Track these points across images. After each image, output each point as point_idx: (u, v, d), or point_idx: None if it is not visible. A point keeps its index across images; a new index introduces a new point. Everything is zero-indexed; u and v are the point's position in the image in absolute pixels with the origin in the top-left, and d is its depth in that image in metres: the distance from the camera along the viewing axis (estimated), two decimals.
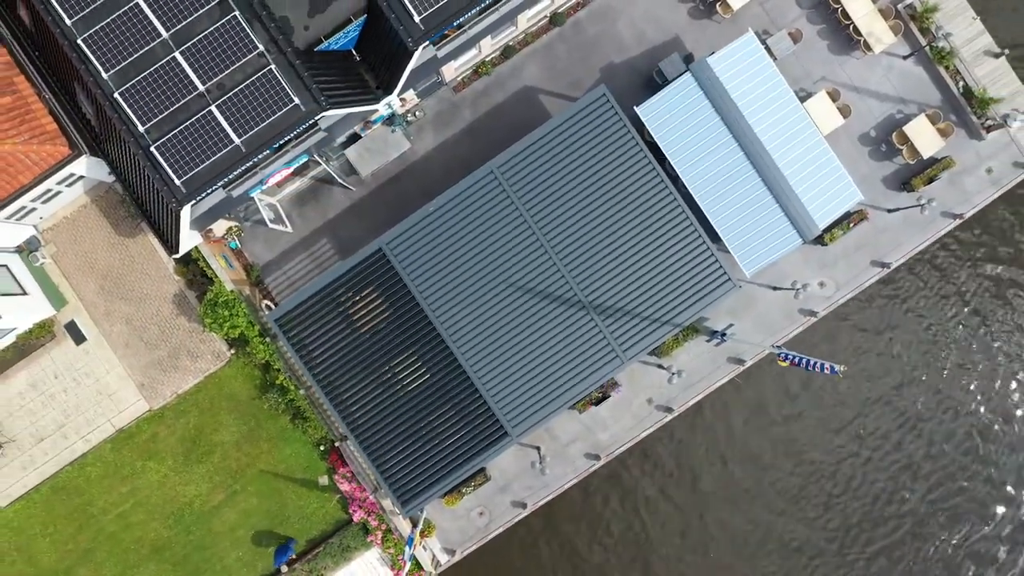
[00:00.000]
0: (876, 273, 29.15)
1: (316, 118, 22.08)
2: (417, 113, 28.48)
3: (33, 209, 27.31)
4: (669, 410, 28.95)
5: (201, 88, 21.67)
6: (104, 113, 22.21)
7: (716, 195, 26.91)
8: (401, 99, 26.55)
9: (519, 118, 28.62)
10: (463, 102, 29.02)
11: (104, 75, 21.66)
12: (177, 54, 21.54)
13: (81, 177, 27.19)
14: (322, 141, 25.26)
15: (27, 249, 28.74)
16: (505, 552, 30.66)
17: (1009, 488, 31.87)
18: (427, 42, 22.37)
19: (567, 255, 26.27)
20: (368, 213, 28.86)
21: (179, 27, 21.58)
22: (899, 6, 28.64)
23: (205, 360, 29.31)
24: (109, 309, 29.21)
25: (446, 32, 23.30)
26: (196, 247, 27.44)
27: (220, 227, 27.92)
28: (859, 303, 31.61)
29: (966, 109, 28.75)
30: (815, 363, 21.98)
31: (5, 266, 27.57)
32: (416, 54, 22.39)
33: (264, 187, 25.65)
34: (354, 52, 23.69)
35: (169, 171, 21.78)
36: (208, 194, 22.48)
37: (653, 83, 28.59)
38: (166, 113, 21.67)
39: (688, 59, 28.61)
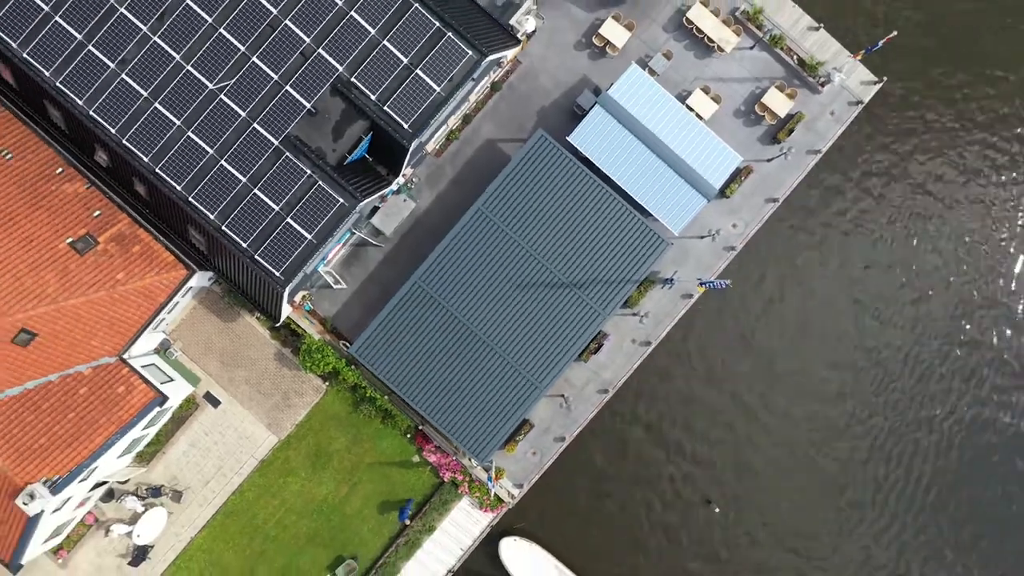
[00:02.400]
0: (771, 207, 39.50)
1: (355, 208, 32.46)
2: (415, 180, 38.90)
3: (164, 319, 37.71)
4: (648, 344, 39.31)
5: (276, 208, 32.13)
6: (215, 240, 32.68)
7: (639, 183, 37.15)
8: (403, 175, 36.95)
9: (488, 164, 38.90)
10: (444, 163, 39.40)
11: (211, 216, 32.14)
12: (256, 190, 32.01)
13: (191, 287, 37.62)
14: (357, 219, 35.70)
15: (162, 349, 39.17)
16: (560, 477, 40.74)
17: None
18: (415, 137, 32.75)
19: (546, 253, 36.60)
20: (397, 260, 39.09)
21: (252, 172, 32.03)
22: (735, 14, 39.04)
23: (309, 395, 39.73)
24: (231, 376, 39.65)
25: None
26: (287, 316, 37.87)
27: (297, 297, 38.31)
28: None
29: (803, 74, 39.10)
30: (715, 283, 32.39)
31: (154, 364, 37.98)
32: (410, 147, 32.81)
33: (325, 262, 36.10)
34: (367, 156, 34.18)
35: (270, 267, 32.25)
36: (297, 276, 32.90)
37: (575, 114, 38.95)
38: (259, 230, 32.13)
39: (596, 91, 38.97)
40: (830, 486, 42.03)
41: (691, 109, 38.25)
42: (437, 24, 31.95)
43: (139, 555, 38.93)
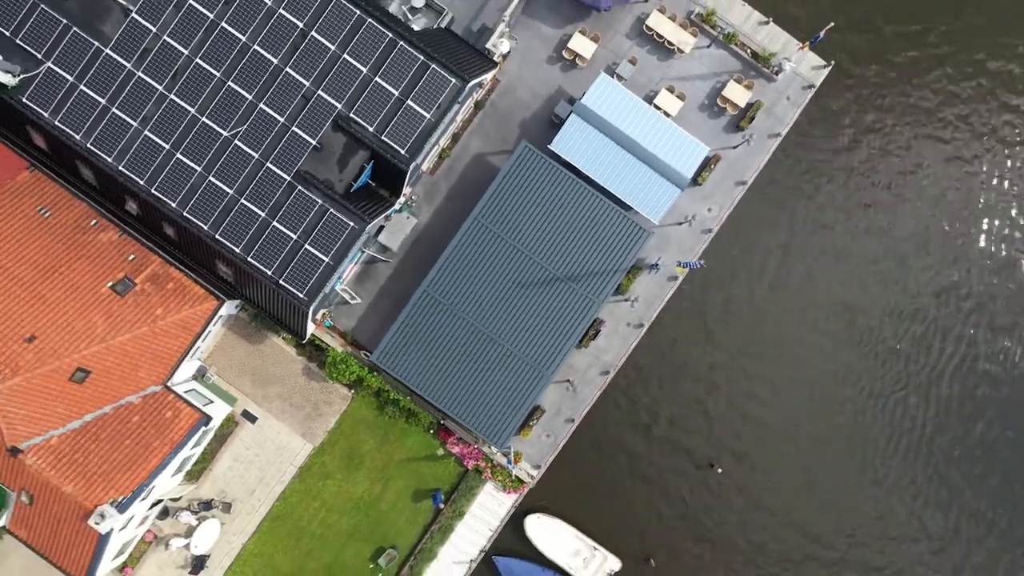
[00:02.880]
0: (741, 190, 43.11)
1: (364, 230, 36.09)
2: (414, 198, 42.52)
3: (198, 347, 41.32)
4: (641, 325, 42.91)
5: (295, 237, 35.77)
6: (243, 271, 36.31)
7: (618, 180, 40.70)
8: (404, 195, 40.54)
9: (479, 177, 42.43)
10: (439, 179, 42.99)
11: (237, 250, 35.77)
12: (275, 223, 35.65)
13: (221, 316, 41.22)
14: (366, 239, 39.30)
15: (200, 374, 42.78)
16: (574, 454, 44.28)
17: None
18: (412, 161, 36.37)
19: (540, 252, 40.18)
20: (405, 273, 42.63)
21: (270, 206, 35.66)
22: (691, 17, 42.66)
23: (336, 403, 43.34)
24: (264, 393, 43.27)
25: None
26: (311, 333, 41.49)
27: (318, 315, 41.89)
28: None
29: (758, 66, 42.69)
30: (692, 263, 35.98)
31: (194, 389, 41.58)
32: (408, 170, 36.43)
33: (342, 280, 39.70)
34: (371, 182, 37.83)
35: (294, 290, 35.88)
36: (319, 295, 36.52)
37: (554, 123, 42.52)
38: (281, 257, 35.76)
39: (571, 101, 42.55)
40: (831, 437, 45.65)
41: (659, 108, 41.87)
42: (421, 58, 35.58)
43: (197, 565, 42.55)
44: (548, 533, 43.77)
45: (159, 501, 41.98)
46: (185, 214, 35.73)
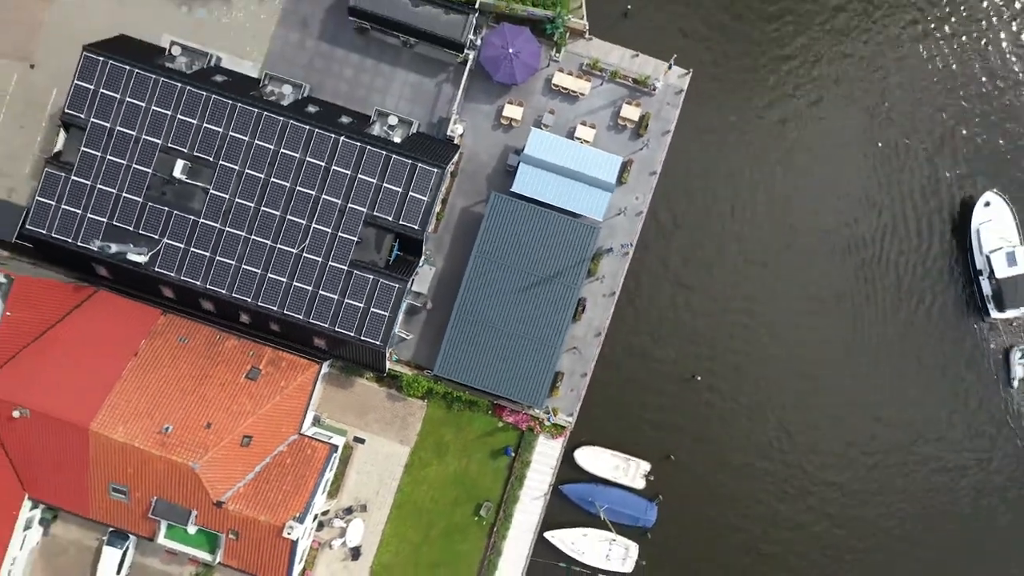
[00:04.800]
0: (655, 178, 59.00)
1: (406, 286, 52.02)
2: (428, 252, 58.46)
3: (312, 401, 57.18)
4: (614, 294, 58.79)
5: (362, 305, 51.76)
6: (333, 338, 52.31)
7: (566, 199, 56.45)
8: (423, 254, 56.48)
9: (469, 224, 58.23)
10: (442, 234, 58.84)
11: (326, 326, 51.75)
12: (346, 300, 51.67)
13: (322, 374, 57.10)
14: (406, 291, 55.30)
15: (316, 421, 58.68)
16: (593, 398, 60.09)
17: None
18: (424, 231, 52.34)
19: (528, 264, 56.01)
20: (437, 307, 58.53)
21: (339, 289, 51.65)
22: (582, 68, 58.58)
23: (417, 413, 59.23)
24: (364, 421, 59.19)
25: None
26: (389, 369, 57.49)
27: (387, 353, 57.77)
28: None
29: (640, 88, 58.60)
30: (624, 245, 51.82)
31: (317, 431, 57.46)
32: (423, 239, 52.44)
33: (397, 327, 55.73)
34: (400, 253, 53.88)
35: (372, 341, 51.90)
36: (389, 340, 52.52)
37: (509, 172, 58.35)
38: (356, 321, 51.78)
39: (518, 152, 58.38)
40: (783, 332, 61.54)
41: (579, 139, 57.81)
42: (410, 162, 51.61)
43: (355, 554, 58.48)
44: (593, 459, 59.62)
45: (316, 516, 57.87)
46: (285, 312, 51.76)
